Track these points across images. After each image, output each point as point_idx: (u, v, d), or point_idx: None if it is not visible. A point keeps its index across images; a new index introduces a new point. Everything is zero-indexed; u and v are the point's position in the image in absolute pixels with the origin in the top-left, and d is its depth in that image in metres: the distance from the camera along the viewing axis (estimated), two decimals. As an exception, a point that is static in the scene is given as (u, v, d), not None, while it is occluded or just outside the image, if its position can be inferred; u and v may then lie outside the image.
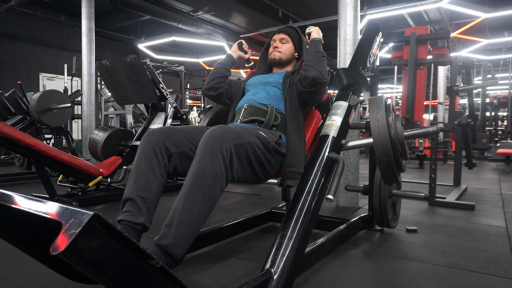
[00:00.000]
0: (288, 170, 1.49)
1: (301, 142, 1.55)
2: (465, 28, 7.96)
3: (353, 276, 1.49)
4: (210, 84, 1.83)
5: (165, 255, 1.06)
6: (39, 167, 2.54)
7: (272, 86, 1.71)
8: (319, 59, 1.61)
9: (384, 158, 1.58)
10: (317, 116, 1.80)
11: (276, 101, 1.65)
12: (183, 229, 1.08)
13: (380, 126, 1.58)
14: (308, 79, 1.54)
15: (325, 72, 1.57)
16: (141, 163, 1.27)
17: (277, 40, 1.83)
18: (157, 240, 1.07)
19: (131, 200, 1.22)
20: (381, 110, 1.62)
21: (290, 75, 1.70)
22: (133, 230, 1.19)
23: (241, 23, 8.76)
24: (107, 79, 3.47)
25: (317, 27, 1.81)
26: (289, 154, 1.51)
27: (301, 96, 1.62)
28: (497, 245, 1.91)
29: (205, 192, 1.12)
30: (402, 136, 1.66)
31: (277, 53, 1.80)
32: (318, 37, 1.75)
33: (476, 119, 6.22)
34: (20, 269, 1.55)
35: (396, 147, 1.61)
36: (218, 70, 1.85)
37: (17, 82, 4.43)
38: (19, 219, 0.75)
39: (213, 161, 1.14)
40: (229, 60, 1.90)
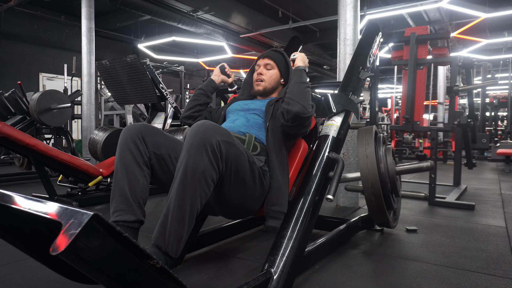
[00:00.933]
0: (270, 209, 1.37)
1: (284, 178, 1.43)
2: (465, 28, 7.96)
3: (353, 276, 1.49)
4: (188, 112, 1.70)
5: (163, 254, 1.06)
6: (39, 167, 2.54)
7: (253, 113, 1.59)
8: (303, 91, 1.47)
9: (373, 198, 1.47)
10: (303, 147, 1.65)
11: (256, 129, 1.53)
12: (176, 226, 1.07)
13: (369, 164, 1.46)
14: (291, 114, 1.40)
15: (309, 106, 1.43)
16: (124, 155, 1.24)
17: (262, 65, 1.71)
18: (154, 240, 1.07)
19: (120, 196, 1.20)
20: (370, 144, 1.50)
21: (274, 103, 1.57)
22: (130, 229, 1.19)
23: (241, 23, 8.76)
24: (107, 79, 3.48)
25: (303, 54, 1.69)
26: (272, 191, 1.40)
27: (284, 129, 1.48)
28: (497, 245, 1.91)
29: (195, 186, 1.08)
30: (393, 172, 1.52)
31: (261, 83, 1.69)
32: (302, 65, 1.62)
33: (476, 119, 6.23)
34: (20, 269, 1.55)
35: (386, 186, 1.49)
36: (198, 97, 1.73)
37: (17, 82, 4.42)
38: (19, 219, 0.75)
39: (201, 153, 1.09)
40: (211, 86, 1.78)
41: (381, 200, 1.45)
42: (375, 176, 1.45)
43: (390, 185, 1.50)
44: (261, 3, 8.35)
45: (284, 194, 1.40)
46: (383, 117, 10.74)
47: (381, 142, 1.54)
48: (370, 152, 1.48)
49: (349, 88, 1.85)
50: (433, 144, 3.03)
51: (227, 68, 1.84)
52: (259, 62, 1.74)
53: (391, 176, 1.50)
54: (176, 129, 3.24)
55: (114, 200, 1.21)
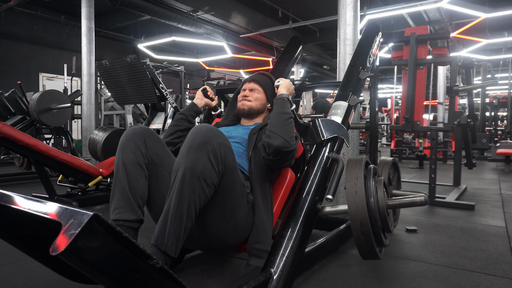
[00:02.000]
0: (253, 247, 1.29)
1: (268, 214, 1.34)
2: (465, 28, 7.96)
3: (353, 276, 1.49)
4: (168, 138, 1.58)
5: (163, 254, 1.06)
6: (39, 167, 2.54)
7: (235, 142, 1.50)
8: (284, 122, 1.36)
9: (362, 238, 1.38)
10: (290, 177, 1.52)
11: (237, 158, 1.41)
12: (175, 225, 1.07)
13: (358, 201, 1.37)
14: (272, 148, 1.29)
15: (292, 138, 1.32)
16: (125, 154, 1.23)
17: (247, 89, 1.63)
18: (154, 240, 1.08)
19: (120, 194, 1.20)
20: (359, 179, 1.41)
21: (257, 131, 1.47)
22: (130, 229, 1.19)
23: (241, 23, 8.76)
24: (107, 79, 3.47)
25: (288, 80, 1.59)
26: (255, 228, 1.31)
27: (266, 162, 1.36)
28: (497, 245, 1.91)
29: (193, 185, 1.07)
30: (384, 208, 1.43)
31: (247, 103, 1.60)
32: (286, 92, 1.52)
33: (475, 119, 6.23)
34: (20, 269, 1.55)
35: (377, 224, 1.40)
36: (179, 122, 1.62)
37: (16, 82, 4.42)
38: (19, 219, 0.75)
39: (202, 153, 1.08)
40: (193, 110, 1.68)
41: (371, 239, 1.39)
42: (364, 214, 1.37)
43: (381, 222, 1.43)
44: (261, 3, 8.35)
45: (267, 232, 1.31)
46: (383, 117, 10.75)
47: (371, 174, 1.47)
48: (360, 188, 1.40)
49: (349, 88, 1.86)
50: (433, 144, 3.03)
51: (209, 91, 1.75)
52: (245, 86, 1.66)
53: (382, 211, 1.43)
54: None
55: (114, 197, 1.21)
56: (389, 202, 1.46)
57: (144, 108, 6.21)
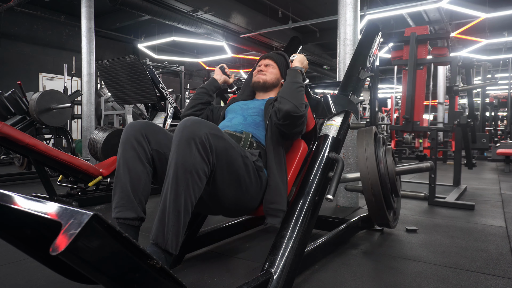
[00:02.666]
0: (269, 207, 1.37)
1: (282, 177, 1.42)
2: (465, 28, 7.96)
3: (353, 276, 1.49)
4: (190, 110, 1.70)
5: (163, 252, 1.06)
6: (39, 167, 2.54)
7: (252, 112, 1.60)
8: (295, 90, 1.47)
9: (373, 199, 1.47)
10: (303, 147, 1.62)
11: (254, 128, 1.54)
12: (174, 222, 1.07)
13: (369, 165, 1.46)
14: (282, 112, 1.40)
15: (301, 105, 1.42)
16: (126, 151, 1.23)
17: (263, 64, 1.75)
18: (154, 238, 1.07)
19: (121, 192, 1.20)
20: (370, 145, 1.49)
21: (272, 102, 1.58)
22: (131, 227, 1.18)
23: (241, 23, 8.76)
24: (107, 79, 3.48)
25: (302, 55, 1.70)
26: (269, 189, 1.40)
27: (277, 128, 1.48)
28: (497, 245, 1.91)
29: (187, 180, 1.09)
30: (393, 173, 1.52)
31: (262, 76, 1.71)
32: (299, 65, 1.63)
33: (475, 119, 6.23)
34: (20, 269, 1.55)
35: (386, 186, 1.49)
36: (200, 96, 1.74)
37: (16, 82, 4.43)
38: (19, 219, 0.75)
39: (190, 147, 1.10)
40: (213, 85, 1.79)
41: (381, 201, 1.45)
42: (375, 177, 1.45)
43: (390, 185, 1.50)
44: (261, 3, 8.35)
45: (282, 192, 1.39)
46: (383, 117, 10.74)
47: (380, 143, 1.54)
48: (370, 153, 1.48)
49: (349, 88, 1.85)
50: (433, 144, 3.03)
51: (226, 69, 1.87)
52: (260, 62, 1.78)
53: (391, 176, 1.50)
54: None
55: (115, 196, 1.21)
56: (397, 168, 1.54)
57: (144, 108, 6.21)
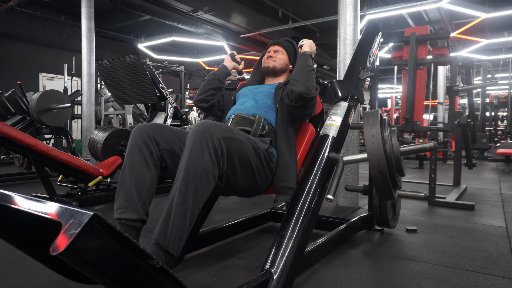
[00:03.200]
0: (279, 185, 1.44)
1: (292, 157, 1.49)
2: (465, 28, 7.96)
3: (353, 276, 1.49)
4: (202, 96, 1.77)
5: (164, 253, 1.06)
6: (39, 167, 2.54)
7: (263, 95, 1.67)
8: (307, 73, 1.55)
9: (379, 176, 1.53)
10: (311, 130, 1.71)
11: (265, 111, 1.60)
12: (178, 224, 1.07)
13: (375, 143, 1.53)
14: (294, 94, 1.48)
15: (313, 87, 1.50)
16: (133, 154, 1.25)
17: (272, 51, 1.81)
18: (156, 238, 1.07)
19: (125, 194, 1.20)
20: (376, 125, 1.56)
21: (282, 85, 1.66)
22: (132, 228, 1.18)
23: (241, 23, 8.76)
24: (107, 79, 3.48)
25: (311, 40, 1.76)
26: (279, 168, 1.46)
27: (289, 110, 1.56)
28: (497, 245, 1.91)
29: (196, 184, 1.10)
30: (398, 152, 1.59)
31: (271, 61, 1.77)
32: (309, 50, 1.70)
33: (476, 119, 6.22)
34: (20, 269, 1.55)
35: (392, 164, 1.55)
36: (211, 81, 1.80)
37: (17, 82, 4.43)
38: (19, 219, 0.75)
39: (202, 152, 1.12)
40: (223, 72, 1.85)
41: (387, 178, 1.54)
42: (381, 155, 1.53)
43: (395, 163, 1.59)
44: (261, 3, 8.35)
45: (291, 171, 1.46)
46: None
47: (386, 124, 1.63)
48: (376, 133, 1.56)
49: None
50: (433, 144, 3.02)
51: (236, 56, 1.92)
52: (270, 48, 1.83)
53: (396, 155, 1.59)
54: (176, 129, 3.24)
55: (119, 197, 1.22)
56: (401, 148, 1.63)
57: (144, 108, 6.21)
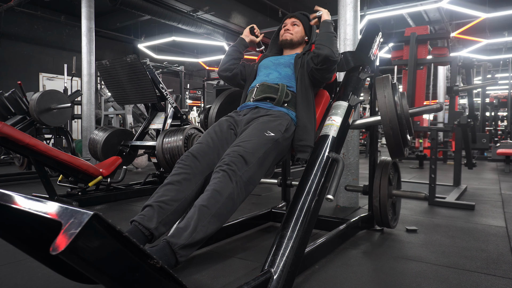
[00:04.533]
0: (298, 144, 1.58)
1: (310, 118, 1.63)
2: (465, 28, 7.96)
3: (353, 276, 1.49)
4: (225, 65, 1.91)
5: (172, 253, 1.06)
6: (39, 167, 2.54)
7: (284, 66, 1.79)
8: (331, 38, 1.69)
9: (391, 132, 1.68)
10: (326, 96, 1.88)
11: (288, 80, 1.73)
12: (195, 234, 1.11)
13: (387, 103, 1.67)
14: (321, 57, 1.62)
15: (337, 51, 1.65)
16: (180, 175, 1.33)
17: (289, 23, 1.92)
18: (169, 237, 1.08)
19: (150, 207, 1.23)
20: (387, 88, 1.70)
21: (301, 55, 1.78)
22: (140, 233, 1.17)
23: (241, 23, 8.76)
24: (107, 79, 3.47)
25: (326, 10, 1.88)
26: (298, 130, 1.60)
27: (312, 74, 1.69)
28: (497, 245, 1.91)
29: (218, 208, 1.19)
30: (408, 112, 1.73)
31: (289, 34, 1.89)
32: (328, 19, 1.83)
33: (476, 119, 6.22)
34: (20, 269, 1.55)
35: (402, 122, 1.69)
36: (232, 52, 1.94)
37: (17, 82, 4.43)
38: (19, 219, 0.75)
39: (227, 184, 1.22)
40: (241, 44, 1.98)
41: (398, 134, 1.67)
42: (392, 113, 1.66)
43: (405, 122, 1.71)
44: (261, 3, 8.35)
45: (310, 132, 1.60)
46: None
47: (396, 88, 1.75)
48: (388, 94, 1.69)
49: (349, 88, 1.85)
50: (433, 144, 3.03)
51: (256, 29, 2.03)
52: (286, 21, 1.95)
53: (406, 115, 1.72)
54: (176, 129, 3.24)
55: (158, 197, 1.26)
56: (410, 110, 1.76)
57: (144, 108, 6.21)
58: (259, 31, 2.04)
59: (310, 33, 1.92)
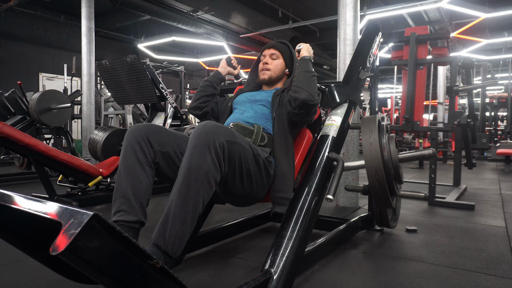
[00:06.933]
0: (276, 196, 1.43)
1: (289, 165, 1.47)
2: (465, 28, 7.96)
3: (353, 276, 1.49)
4: (195, 103, 1.74)
5: (163, 254, 1.06)
6: (39, 167, 2.54)
7: (260, 104, 1.63)
8: (309, 79, 1.51)
9: (377, 184, 1.50)
10: (308, 136, 1.68)
11: (264, 120, 1.57)
12: (177, 226, 1.07)
13: (373, 151, 1.50)
14: (298, 101, 1.45)
15: (315, 93, 1.48)
16: (127, 156, 1.24)
17: (267, 55, 1.75)
18: (154, 240, 1.07)
19: (122, 198, 1.20)
20: (374, 132, 1.53)
21: (279, 93, 1.61)
22: (131, 230, 1.18)
23: (241, 23, 8.76)
24: (107, 79, 3.47)
25: (308, 44, 1.72)
26: (276, 179, 1.44)
27: (290, 117, 1.52)
28: (497, 245, 1.91)
29: (197, 187, 1.09)
30: (397, 159, 1.56)
31: (267, 72, 1.73)
32: (308, 54, 1.65)
33: (475, 119, 6.22)
34: (20, 269, 1.55)
35: (390, 172, 1.52)
36: (205, 88, 1.77)
37: (17, 82, 4.43)
38: (19, 219, 0.75)
39: (205, 154, 1.11)
40: (217, 78, 1.82)
41: (385, 186, 1.50)
42: (378, 163, 1.50)
43: (393, 171, 1.55)
44: (261, 3, 8.35)
45: (288, 181, 1.44)
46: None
47: (384, 130, 1.59)
48: (374, 140, 1.52)
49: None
50: (433, 144, 3.03)
51: (233, 60, 1.88)
52: (264, 52, 1.78)
53: (394, 163, 1.55)
54: (176, 129, 3.24)
55: (116, 201, 1.21)
56: (400, 155, 1.60)
57: (144, 108, 6.21)
58: (236, 62, 1.88)
59: (292, 65, 1.74)
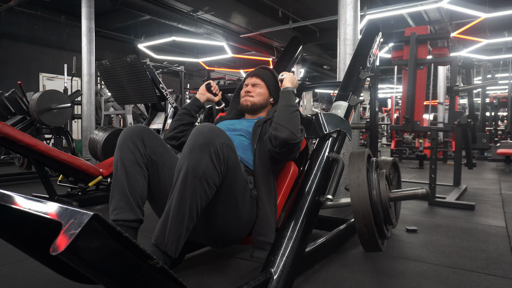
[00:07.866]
0: (257, 239, 1.32)
1: (271, 206, 1.36)
2: (465, 28, 7.96)
3: (353, 276, 1.49)
4: (171, 133, 1.60)
5: (162, 254, 1.06)
6: (39, 167, 2.54)
7: (239, 134, 1.51)
8: (291, 115, 1.37)
9: (365, 230, 1.40)
10: (293, 170, 1.54)
11: (241, 151, 1.45)
12: (176, 226, 1.06)
13: (361, 193, 1.39)
14: (278, 140, 1.31)
15: (298, 131, 1.34)
16: (124, 153, 1.23)
17: (250, 84, 1.64)
18: (154, 239, 1.07)
19: (120, 195, 1.20)
20: (362, 172, 1.42)
21: (261, 123, 1.48)
22: (130, 229, 1.18)
23: (241, 23, 8.75)
24: (107, 79, 3.48)
25: (291, 74, 1.60)
26: (258, 221, 1.34)
27: (272, 155, 1.39)
28: (497, 245, 1.91)
29: (195, 186, 1.07)
30: (386, 200, 1.44)
31: (250, 99, 1.61)
32: (290, 86, 1.52)
33: (476, 119, 6.23)
34: (20, 269, 1.55)
35: (379, 216, 1.42)
36: (182, 117, 1.63)
37: (17, 82, 4.43)
38: (19, 219, 0.75)
39: (204, 154, 1.08)
40: (195, 105, 1.68)
41: (373, 231, 1.41)
42: (366, 207, 1.39)
43: (383, 214, 1.44)
44: (261, 3, 8.35)
45: (270, 224, 1.33)
46: (383, 117, 10.75)
47: (373, 167, 1.48)
48: (362, 180, 1.41)
49: (349, 88, 1.85)
50: (433, 144, 3.03)
51: (213, 87, 1.72)
52: (247, 81, 1.67)
53: (384, 204, 1.44)
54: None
55: (113, 198, 1.21)
56: (391, 194, 1.46)
57: (144, 108, 6.21)
58: (217, 88, 1.73)
59: (276, 93, 1.63)
